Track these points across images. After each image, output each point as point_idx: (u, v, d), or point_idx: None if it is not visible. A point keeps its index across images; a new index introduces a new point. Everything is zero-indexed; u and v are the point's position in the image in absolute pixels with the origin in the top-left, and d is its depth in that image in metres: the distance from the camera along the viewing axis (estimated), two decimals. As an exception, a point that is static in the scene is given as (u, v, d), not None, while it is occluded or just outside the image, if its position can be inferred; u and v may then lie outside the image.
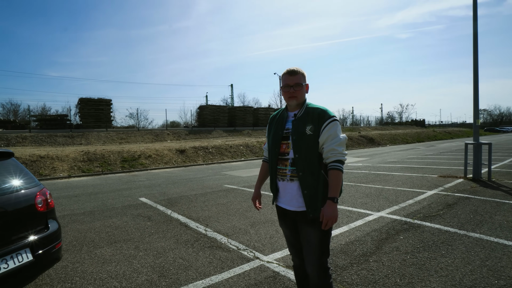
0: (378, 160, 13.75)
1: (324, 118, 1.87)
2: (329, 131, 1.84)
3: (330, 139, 1.84)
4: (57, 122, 22.91)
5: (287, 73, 1.97)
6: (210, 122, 29.94)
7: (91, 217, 5.41)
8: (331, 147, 1.83)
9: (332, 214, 1.78)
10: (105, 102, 24.12)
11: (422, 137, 34.80)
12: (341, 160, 1.82)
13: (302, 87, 1.95)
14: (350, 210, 5.16)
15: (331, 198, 1.80)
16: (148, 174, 12.18)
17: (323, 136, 1.85)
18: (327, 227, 1.80)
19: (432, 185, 7.10)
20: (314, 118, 1.89)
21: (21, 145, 16.92)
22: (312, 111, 1.93)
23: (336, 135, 1.85)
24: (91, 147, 16.66)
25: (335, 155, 1.82)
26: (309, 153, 1.87)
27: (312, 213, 1.84)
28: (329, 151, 1.83)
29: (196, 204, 6.14)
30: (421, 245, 3.49)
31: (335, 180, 1.81)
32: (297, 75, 1.95)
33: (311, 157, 1.86)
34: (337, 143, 1.83)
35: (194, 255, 3.50)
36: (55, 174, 11.58)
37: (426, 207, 5.16)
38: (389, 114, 68.48)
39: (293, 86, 1.94)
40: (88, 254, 3.65)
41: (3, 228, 2.40)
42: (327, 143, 1.85)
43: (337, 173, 1.81)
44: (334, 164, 1.82)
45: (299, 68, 1.98)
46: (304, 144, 1.87)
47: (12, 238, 2.44)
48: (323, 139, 1.85)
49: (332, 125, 1.85)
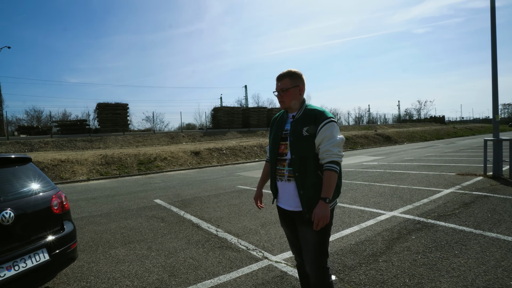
0: (394, 159, 13.46)
1: (320, 119, 1.88)
2: (325, 132, 1.85)
3: (326, 140, 1.85)
4: (76, 127, 23.74)
5: (276, 78, 2.02)
6: (225, 123, 30.18)
7: (108, 219, 5.60)
8: (327, 148, 1.83)
9: (323, 214, 1.78)
10: (122, 106, 24.78)
11: (442, 134, 33.76)
12: (336, 161, 1.83)
13: (289, 91, 1.96)
14: (362, 210, 5.10)
15: (323, 199, 1.80)
16: (164, 176, 12.43)
17: (319, 137, 1.86)
18: (318, 228, 1.80)
19: (449, 184, 6.90)
20: (311, 120, 1.90)
21: (43, 150, 17.65)
22: (310, 112, 1.94)
23: (332, 136, 1.85)
24: (109, 150, 17.16)
25: (330, 156, 1.83)
26: (305, 154, 1.88)
27: (308, 213, 1.86)
28: (325, 151, 1.84)
29: (208, 205, 6.23)
30: (433, 245, 3.41)
31: (328, 181, 1.81)
32: (283, 80, 1.97)
33: (307, 158, 1.88)
34: (332, 144, 1.83)
35: (204, 255, 3.56)
36: (75, 178, 12.01)
37: (442, 206, 5.03)
38: (407, 111, 66.90)
39: (279, 91, 1.99)
40: (103, 254, 3.78)
41: (22, 229, 2.54)
42: (323, 144, 1.85)
43: (331, 174, 1.81)
44: (328, 165, 1.83)
45: (290, 70, 2.00)
46: (300, 145, 1.89)
47: (30, 239, 2.57)
48: (319, 140, 1.86)
49: (328, 126, 1.86)
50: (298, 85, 1.99)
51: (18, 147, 17.52)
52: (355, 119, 53.92)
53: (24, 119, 41.26)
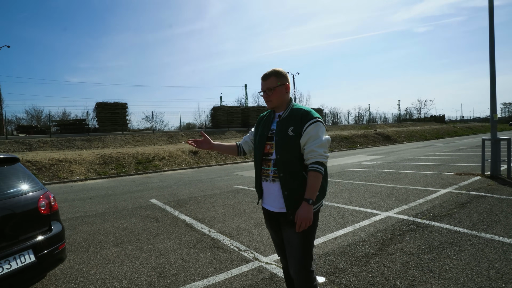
0: (393, 158, 13.42)
1: (306, 119, 1.85)
2: (310, 132, 1.82)
3: (311, 140, 1.81)
4: (75, 127, 23.72)
5: (261, 77, 1.97)
6: (224, 123, 30.13)
7: (102, 219, 5.57)
8: (311, 148, 1.80)
9: (305, 216, 1.74)
10: (121, 106, 24.75)
11: (442, 133, 33.68)
12: (321, 161, 1.79)
13: (276, 90, 1.93)
14: (357, 210, 5.06)
15: (306, 200, 1.77)
16: (161, 175, 12.41)
17: (304, 137, 1.82)
18: (301, 229, 1.77)
19: (446, 183, 6.86)
20: (297, 119, 1.87)
21: (42, 149, 17.63)
22: (296, 112, 1.91)
23: (318, 137, 1.82)
24: (107, 150, 17.14)
25: (315, 156, 1.79)
26: (290, 154, 1.84)
27: (292, 214, 1.82)
28: (309, 152, 1.80)
29: (204, 205, 6.19)
30: (426, 246, 3.37)
31: (312, 181, 1.78)
32: (269, 79, 1.94)
33: (292, 158, 1.84)
34: (317, 144, 1.80)
35: (195, 256, 3.53)
36: (72, 177, 11.99)
37: (437, 206, 4.99)
38: (407, 111, 66.72)
39: (266, 90, 1.94)
40: (94, 255, 3.75)
41: (7, 230, 2.50)
42: (308, 144, 1.82)
43: (315, 175, 1.77)
44: (313, 165, 1.79)
45: (274, 69, 1.96)
46: (285, 145, 1.85)
47: (15, 240, 2.54)
48: (304, 140, 1.83)
49: (314, 126, 1.82)
50: (284, 83, 1.95)
51: (17, 146, 17.50)
52: (355, 118, 53.85)
53: (24, 118, 41.29)
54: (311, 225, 1.88)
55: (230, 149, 2.28)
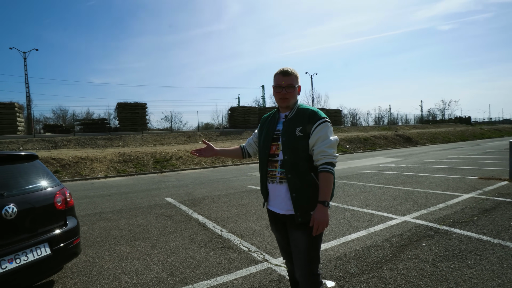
0: (413, 161, 12.98)
1: (314, 119, 1.81)
2: (319, 133, 1.78)
3: (320, 140, 1.77)
4: (98, 126, 24.57)
5: (280, 73, 1.91)
6: (241, 123, 30.29)
7: (118, 215, 5.71)
8: (321, 149, 1.76)
9: (323, 219, 1.70)
10: (141, 106, 25.41)
11: (467, 136, 32.27)
12: (331, 162, 1.75)
13: (295, 89, 1.90)
14: (372, 214, 4.92)
15: (321, 202, 1.72)
16: (178, 174, 12.61)
17: (313, 137, 1.78)
18: (318, 232, 1.72)
19: (469, 188, 6.54)
20: (304, 120, 1.83)
21: (66, 147, 18.37)
22: (303, 112, 1.87)
23: (327, 137, 1.78)
24: (127, 149, 17.62)
25: (325, 157, 1.75)
26: (298, 155, 1.81)
27: (301, 217, 1.78)
28: (319, 153, 1.76)
29: (217, 205, 6.23)
30: (444, 254, 3.21)
31: (325, 182, 1.73)
32: (290, 76, 1.89)
33: (300, 159, 1.80)
34: (327, 145, 1.76)
35: (205, 255, 3.54)
36: (93, 175, 12.41)
37: (459, 212, 4.76)
38: (430, 112, 64.23)
39: (286, 87, 1.88)
40: (109, 251, 3.84)
41: (25, 223, 2.61)
42: (317, 145, 1.78)
43: (327, 176, 1.73)
44: (324, 166, 1.75)
45: (292, 69, 1.92)
46: (293, 145, 1.82)
47: (32, 233, 2.64)
48: (313, 141, 1.79)
49: (322, 126, 1.79)
50: (298, 84, 1.95)
51: (43, 144, 18.33)
52: (375, 119, 52.56)
53: (51, 117, 43.29)
54: None
55: (235, 153, 2.26)
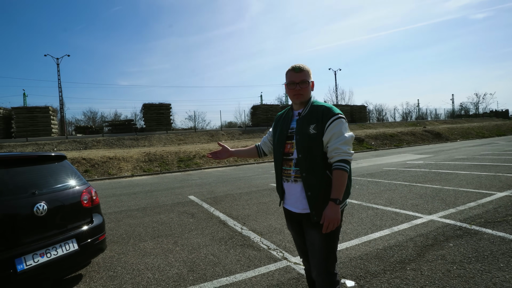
0: (443, 157, 12.39)
1: (328, 116, 1.77)
2: (333, 130, 1.74)
3: (334, 137, 1.74)
4: (124, 127, 25.55)
5: (292, 69, 1.89)
6: (263, 121, 30.29)
7: (143, 213, 5.91)
8: (335, 146, 1.72)
9: (333, 217, 1.67)
10: (165, 106, 26.10)
11: (504, 130, 30.32)
12: (346, 159, 1.71)
13: (308, 84, 1.87)
14: (396, 212, 4.75)
15: (333, 200, 1.70)
16: (201, 173, 12.84)
17: (327, 134, 1.75)
18: (328, 230, 1.69)
19: (504, 186, 6.15)
20: (318, 116, 1.80)
21: (95, 148, 19.26)
22: (316, 109, 1.84)
23: (341, 134, 1.74)
24: (152, 148, 18.18)
25: (340, 154, 1.71)
26: (312, 153, 1.78)
27: (317, 216, 1.75)
28: (333, 150, 1.73)
29: (238, 203, 6.28)
30: (473, 255, 3.04)
31: (338, 180, 1.70)
32: (303, 72, 1.86)
33: (314, 157, 1.78)
34: (341, 141, 1.72)
35: (225, 252, 3.59)
36: (120, 174, 12.92)
37: (491, 211, 4.49)
38: (462, 106, 60.80)
39: (299, 83, 1.85)
40: (133, 247, 3.99)
41: (54, 220, 2.77)
42: (331, 142, 1.75)
43: (341, 173, 1.70)
44: (338, 163, 1.71)
45: (304, 64, 1.89)
46: (307, 143, 1.79)
47: (61, 229, 2.80)
48: (327, 138, 1.75)
49: (336, 123, 1.75)
50: (312, 80, 1.92)
51: (75, 145, 19.34)
52: (402, 115, 50.65)
53: (82, 120, 45.54)
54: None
55: (250, 153, 2.28)
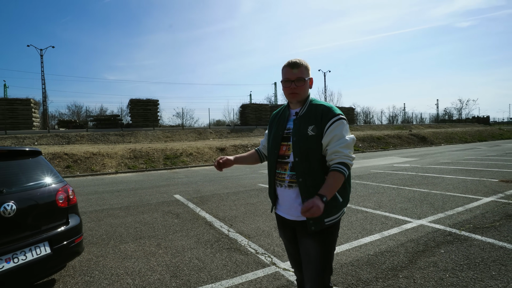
0: (428, 161, 12.56)
1: (328, 116, 1.63)
2: (333, 131, 1.60)
3: (334, 140, 1.60)
4: (110, 122, 24.89)
5: (288, 65, 1.72)
6: (252, 120, 30.16)
7: (126, 212, 5.67)
8: (336, 149, 1.58)
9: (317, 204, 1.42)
10: (153, 102, 25.58)
11: (485, 136, 31.20)
12: (345, 163, 1.57)
13: (305, 82, 1.72)
14: (386, 216, 4.70)
15: (320, 195, 1.48)
16: (188, 171, 12.57)
17: (327, 137, 1.61)
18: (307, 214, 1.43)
19: (490, 191, 6.22)
20: (317, 117, 1.65)
21: (79, 143, 18.65)
22: (315, 108, 1.69)
23: (342, 136, 1.60)
24: (138, 145, 17.75)
25: (340, 157, 1.57)
26: (310, 156, 1.63)
27: (314, 225, 1.61)
28: (333, 153, 1.59)
29: (225, 203, 6.11)
30: (465, 262, 2.99)
31: (332, 180, 1.53)
32: (300, 68, 1.70)
33: (312, 161, 1.63)
34: (342, 144, 1.58)
35: (211, 256, 3.42)
36: (104, 170, 12.51)
37: (479, 217, 4.49)
38: (446, 111, 62.51)
39: (295, 81, 1.70)
40: (113, 249, 3.77)
41: (24, 222, 2.53)
42: (331, 145, 1.60)
43: (337, 175, 1.54)
44: (337, 165, 1.56)
45: (301, 60, 1.74)
46: (305, 146, 1.64)
47: (32, 232, 2.57)
48: (326, 141, 1.61)
49: (337, 124, 1.61)
50: (310, 77, 1.76)
51: (57, 139, 18.67)
52: (389, 118, 51.54)
53: (66, 114, 44.22)
54: (331, 236, 1.67)
55: (252, 158, 2.12)
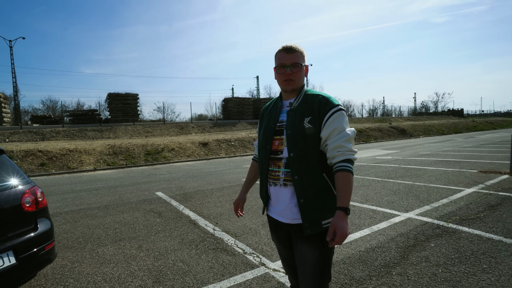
0: (409, 153, 12.82)
1: (326, 107, 1.47)
2: (333, 124, 1.44)
3: (335, 133, 1.44)
4: (88, 117, 23.89)
5: (282, 49, 1.55)
6: (235, 114, 29.85)
7: (105, 212, 5.36)
8: (338, 144, 1.42)
9: (345, 230, 1.34)
10: (132, 96, 24.74)
11: (460, 128, 32.40)
12: (350, 159, 1.42)
13: (301, 68, 1.55)
14: (374, 210, 4.66)
15: (342, 209, 1.37)
16: (170, 167, 12.23)
17: (326, 130, 1.45)
18: (335, 244, 1.38)
19: (470, 182, 6.34)
20: (314, 108, 1.49)
21: (54, 139, 17.77)
22: (312, 98, 1.53)
23: (343, 129, 1.45)
24: (117, 140, 17.11)
25: (344, 153, 1.42)
26: (307, 151, 1.48)
27: (310, 228, 1.46)
28: (335, 148, 1.43)
29: (210, 200, 5.92)
30: (456, 256, 2.96)
31: (345, 184, 1.39)
32: (296, 53, 1.53)
33: (309, 157, 1.48)
34: (344, 138, 1.43)
35: (196, 258, 3.23)
36: (82, 167, 11.96)
37: (464, 208, 4.53)
38: (423, 104, 64.54)
39: (290, 66, 1.52)
40: (90, 253, 3.51)
41: (-15, 229, 2.26)
42: (331, 139, 1.45)
43: (346, 176, 1.40)
44: (342, 164, 1.41)
45: (297, 45, 1.57)
46: (301, 140, 1.48)
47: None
48: (326, 134, 1.45)
49: (337, 115, 1.45)
50: (306, 64, 1.59)
51: (31, 136, 17.70)
52: (369, 111, 52.65)
53: (40, 109, 42.15)
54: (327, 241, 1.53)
55: (255, 170, 1.95)
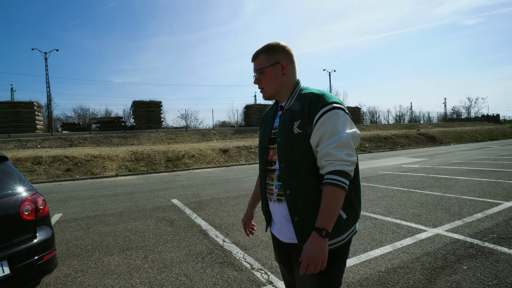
0: (439, 161, 12.03)
1: (316, 107, 1.23)
2: (323, 126, 1.20)
3: (325, 138, 1.20)
4: (113, 124, 24.75)
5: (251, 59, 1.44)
6: (256, 121, 29.78)
7: (118, 219, 5.34)
8: (325, 151, 1.18)
9: (315, 255, 1.14)
10: (156, 104, 25.38)
11: (496, 135, 30.33)
12: (341, 170, 1.16)
13: (266, 72, 1.35)
14: (397, 224, 4.27)
15: (317, 230, 1.15)
16: (189, 174, 12.26)
17: (315, 134, 1.21)
18: (308, 272, 1.16)
19: (510, 194, 5.73)
20: (304, 109, 1.26)
21: (81, 145, 18.49)
22: (303, 98, 1.30)
23: (335, 132, 1.19)
24: (140, 147, 17.50)
25: (332, 163, 1.17)
26: (297, 161, 1.25)
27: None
28: (323, 156, 1.19)
29: (224, 209, 5.75)
30: (494, 282, 2.56)
31: (328, 201, 1.16)
32: (257, 58, 1.38)
33: (301, 168, 1.25)
34: (334, 144, 1.17)
35: (200, 272, 3.05)
36: (104, 173, 12.26)
37: (502, 225, 4.04)
38: (454, 110, 61.16)
39: (256, 74, 1.40)
40: (95, 262, 3.43)
41: (-20, 238, 2.20)
42: (321, 145, 1.21)
43: (332, 191, 1.15)
44: (329, 177, 1.17)
45: (268, 43, 1.38)
46: (290, 147, 1.26)
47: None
48: (315, 140, 1.22)
49: (329, 116, 1.20)
50: (278, 61, 1.34)
51: (60, 142, 18.55)
52: (396, 118, 50.74)
53: (72, 116, 44.43)
54: (334, 266, 1.27)
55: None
